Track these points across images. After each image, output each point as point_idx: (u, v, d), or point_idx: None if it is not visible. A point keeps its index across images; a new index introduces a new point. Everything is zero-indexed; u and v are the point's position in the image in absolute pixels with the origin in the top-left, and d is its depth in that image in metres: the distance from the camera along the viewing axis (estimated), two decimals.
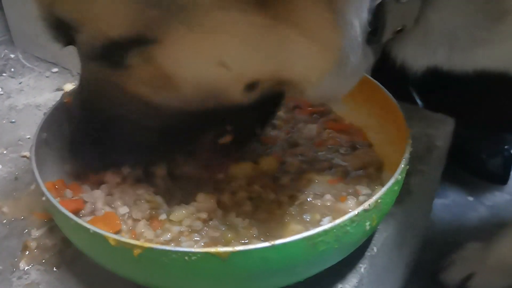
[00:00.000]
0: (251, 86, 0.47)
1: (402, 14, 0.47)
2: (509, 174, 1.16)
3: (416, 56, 0.54)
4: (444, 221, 1.14)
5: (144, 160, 0.55)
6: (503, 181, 1.15)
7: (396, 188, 0.49)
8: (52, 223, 0.59)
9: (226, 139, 0.53)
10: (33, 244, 0.56)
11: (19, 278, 0.53)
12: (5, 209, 0.62)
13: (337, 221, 0.43)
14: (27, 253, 0.56)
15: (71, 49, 0.49)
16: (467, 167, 1.20)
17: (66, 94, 0.59)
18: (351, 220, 0.44)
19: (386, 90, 0.62)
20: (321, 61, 0.45)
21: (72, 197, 0.56)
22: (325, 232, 0.42)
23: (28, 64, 0.92)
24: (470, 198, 1.19)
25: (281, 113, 0.69)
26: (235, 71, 0.45)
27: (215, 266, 0.41)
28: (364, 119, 0.65)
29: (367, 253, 0.57)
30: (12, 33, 0.98)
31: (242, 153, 0.58)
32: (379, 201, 0.46)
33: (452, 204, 1.18)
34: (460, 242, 1.04)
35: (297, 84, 0.48)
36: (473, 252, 0.99)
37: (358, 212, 0.44)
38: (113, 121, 0.50)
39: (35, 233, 0.58)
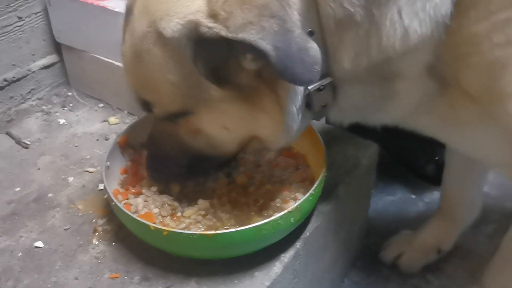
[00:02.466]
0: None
1: (322, 97, 0.78)
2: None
3: (340, 118, 0.87)
4: (390, 214, 1.47)
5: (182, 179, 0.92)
6: (438, 183, 1.48)
7: (311, 198, 0.84)
8: (109, 216, 0.95)
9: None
10: (99, 229, 0.93)
11: (93, 248, 0.90)
12: (79, 206, 0.98)
13: (272, 217, 0.79)
14: (96, 234, 0.92)
15: (113, 89, 0.83)
16: (412, 171, 1.54)
17: (119, 137, 0.96)
18: (281, 217, 0.79)
19: (317, 132, 0.97)
20: (275, 128, 0.78)
21: (122, 200, 0.92)
22: (265, 223, 0.78)
23: (81, 100, 1.28)
24: (413, 196, 1.51)
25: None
26: (233, 132, 0.80)
27: (205, 241, 0.77)
28: (306, 149, 1.00)
29: (302, 236, 0.91)
30: (68, 76, 1.34)
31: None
32: (298, 206, 0.81)
33: (398, 200, 1.51)
34: (400, 230, 1.37)
35: (264, 141, 0.82)
36: (403, 237, 1.31)
37: (284, 213, 0.79)
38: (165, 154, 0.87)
39: (100, 222, 0.94)
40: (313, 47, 0.65)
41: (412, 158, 1.51)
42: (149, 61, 0.73)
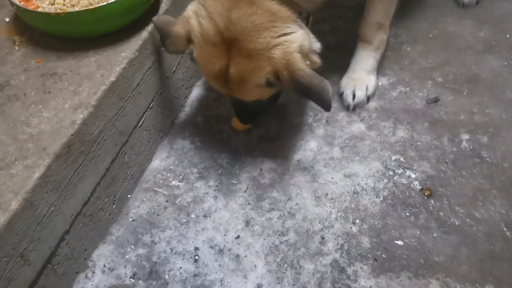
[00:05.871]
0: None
1: None
2: None
3: None
4: None
5: None
6: None
7: None
8: (21, 33, 1.35)
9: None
10: (17, 40, 1.34)
11: (17, 52, 1.31)
12: None
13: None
14: (17, 43, 1.33)
15: None
16: None
17: None
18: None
19: None
20: None
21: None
22: (103, 6, 1.23)
23: None
24: None
25: None
26: None
27: (88, 15, 1.21)
28: None
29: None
30: None
31: None
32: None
33: None
34: None
35: None
36: None
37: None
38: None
39: (16, 37, 1.35)
40: None
41: None
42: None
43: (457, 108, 1.54)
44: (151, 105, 1.43)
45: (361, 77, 1.61)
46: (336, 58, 1.76)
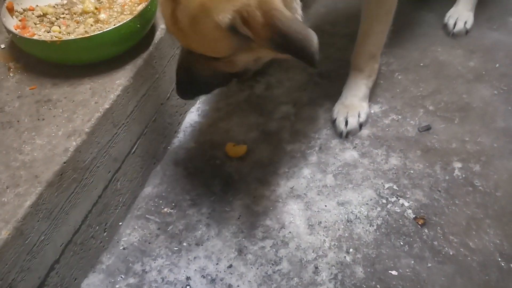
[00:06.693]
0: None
1: None
2: None
3: None
4: None
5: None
6: None
7: (148, 8, 1.31)
8: (16, 60, 1.36)
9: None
10: (12, 67, 1.34)
11: (12, 78, 1.31)
12: None
13: (124, 21, 1.25)
14: (11, 70, 1.33)
15: None
16: None
17: (6, 3, 1.33)
18: (129, 21, 1.26)
19: None
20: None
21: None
22: (122, 25, 1.25)
23: None
24: None
25: None
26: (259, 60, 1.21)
27: (85, 43, 1.22)
28: None
29: (152, 42, 1.41)
30: None
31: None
32: (140, 13, 1.28)
33: None
34: None
35: None
36: None
37: (131, 19, 1.26)
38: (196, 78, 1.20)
39: (11, 64, 1.35)
40: None
41: None
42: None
43: (449, 137, 1.56)
44: (145, 131, 1.43)
45: (354, 104, 1.62)
46: (329, 85, 1.78)
